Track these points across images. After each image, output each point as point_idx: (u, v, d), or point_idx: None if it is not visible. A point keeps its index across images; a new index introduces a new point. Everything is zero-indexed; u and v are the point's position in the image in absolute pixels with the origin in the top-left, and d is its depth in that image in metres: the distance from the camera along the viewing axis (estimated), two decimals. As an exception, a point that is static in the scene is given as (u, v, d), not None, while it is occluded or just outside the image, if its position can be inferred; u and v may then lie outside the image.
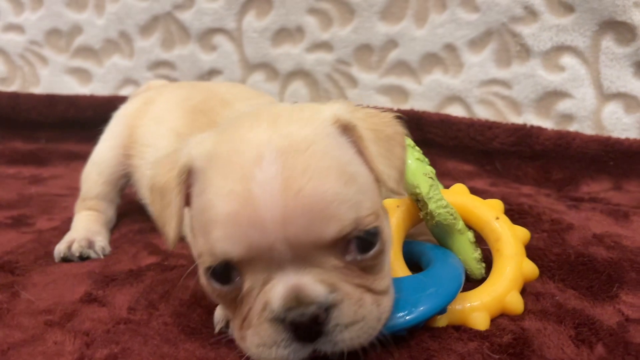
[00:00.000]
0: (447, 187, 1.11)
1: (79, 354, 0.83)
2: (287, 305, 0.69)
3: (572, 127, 1.77)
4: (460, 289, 0.88)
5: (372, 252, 0.74)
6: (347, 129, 0.78)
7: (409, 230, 1.02)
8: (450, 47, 1.88)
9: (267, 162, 0.70)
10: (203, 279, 0.78)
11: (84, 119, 2.09)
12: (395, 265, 0.94)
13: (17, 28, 2.32)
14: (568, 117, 1.78)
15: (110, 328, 0.90)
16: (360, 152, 0.78)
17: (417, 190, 0.95)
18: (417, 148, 1.01)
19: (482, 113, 1.87)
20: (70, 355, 0.83)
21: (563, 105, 1.78)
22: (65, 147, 2.06)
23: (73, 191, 1.43)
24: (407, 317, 0.80)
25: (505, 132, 1.76)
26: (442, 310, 0.84)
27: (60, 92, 2.26)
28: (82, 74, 2.29)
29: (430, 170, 0.97)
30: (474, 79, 1.86)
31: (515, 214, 1.32)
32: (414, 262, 1.00)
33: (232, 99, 1.27)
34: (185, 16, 2.12)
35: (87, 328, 0.90)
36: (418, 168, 0.96)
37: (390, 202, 1.00)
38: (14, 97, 2.24)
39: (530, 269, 0.95)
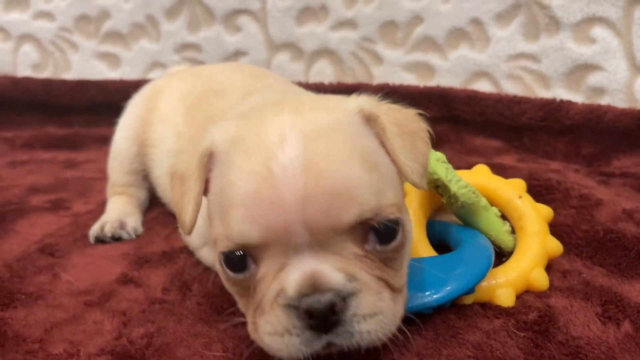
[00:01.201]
0: (473, 164, 1.11)
1: (117, 332, 0.87)
2: (302, 292, 0.67)
3: (604, 101, 1.72)
4: (489, 269, 0.88)
5: (393, 244, 0.73)
6: (370, 120, 0.78)
7: (432, 210, 1.02)
8: (476, 22, 1.85)
9: (290, 144, 0.70)
10: (218, 266, 0.78)
11: (114, 103, 2.12)
12: (420, 246, 0.95)
13: (48, 15, 2.36)
14: (599, 91, 1.74)
15: (145, 308, 0.94)
16: (383, 144, 0.77)
17: (436, 177, 0.95)
18: None
19: (510, 88, 1.84)
20: (109, 333, 0.87)
21: (594, 79, 1.74)
22: (97, 131, 2.10)
23: (107, 174, 1.48)
24: (435, 296, 0.82)
25: (533, 107, 1.73)
26: (470, 290, 0.85)
27: (91, 77, 2.31)
28: (111, 59, 2.33)
29: (441, 155, 0.97)
30: (502, 53, 1.83)
31: (543, 189, 1.31)
32: (442, 244, 1.01)
33: (226, 90, 1.25)
34: (210, -2, 2.12)
35: (124, 308, 0.94)
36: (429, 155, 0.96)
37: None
38: (47, 83, 2.29)
39: (555, 246, 0.95)
